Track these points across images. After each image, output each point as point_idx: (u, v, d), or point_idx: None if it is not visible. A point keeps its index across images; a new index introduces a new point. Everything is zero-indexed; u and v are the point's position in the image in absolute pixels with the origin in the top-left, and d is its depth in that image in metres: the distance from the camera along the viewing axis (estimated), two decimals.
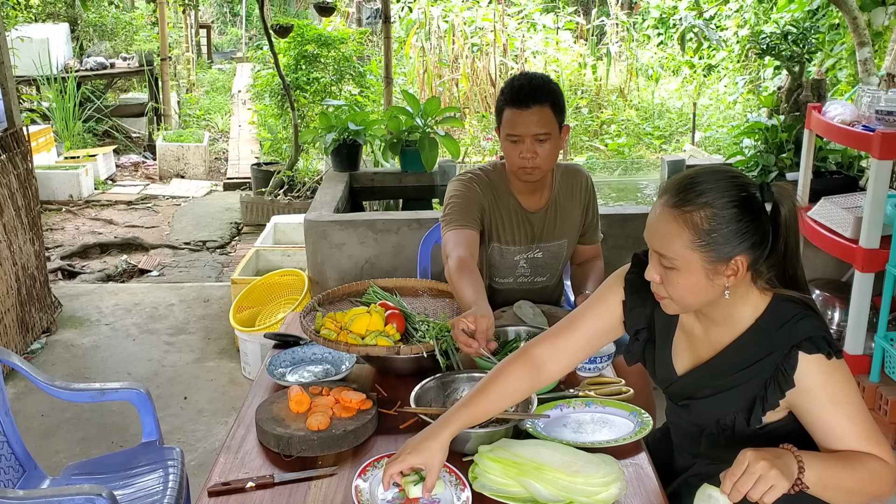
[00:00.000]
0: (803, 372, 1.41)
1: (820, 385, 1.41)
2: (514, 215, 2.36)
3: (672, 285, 1.44)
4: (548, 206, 2.38)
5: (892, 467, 1.39)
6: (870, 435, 1.41)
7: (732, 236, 1.38)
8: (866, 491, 1.37)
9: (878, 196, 2.94)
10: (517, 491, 1.48)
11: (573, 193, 2.43)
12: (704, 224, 1.38)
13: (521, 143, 2.19)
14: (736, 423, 1.51)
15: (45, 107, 8.24)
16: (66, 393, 2.25)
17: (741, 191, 1.40)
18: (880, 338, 3.01)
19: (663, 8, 10.59)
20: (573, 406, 1.81)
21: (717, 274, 1.41)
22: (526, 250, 2.40)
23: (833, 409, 1.42)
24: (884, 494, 1.39)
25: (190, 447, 3.12)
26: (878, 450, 1.40)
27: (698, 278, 1.41)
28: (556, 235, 2.41)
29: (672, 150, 8.17)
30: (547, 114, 2.18)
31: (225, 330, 4.16)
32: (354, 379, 1.95)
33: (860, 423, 1.41)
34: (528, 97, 2.16)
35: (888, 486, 1.39)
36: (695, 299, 1.45)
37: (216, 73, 14.15)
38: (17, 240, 3.88)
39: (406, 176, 4.48)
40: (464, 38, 9.50)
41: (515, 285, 2.44)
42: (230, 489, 1.53)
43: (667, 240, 1.41)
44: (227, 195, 7.33)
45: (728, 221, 1.38)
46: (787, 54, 4.24)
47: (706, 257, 1.39)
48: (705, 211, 1.38)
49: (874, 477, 1.37)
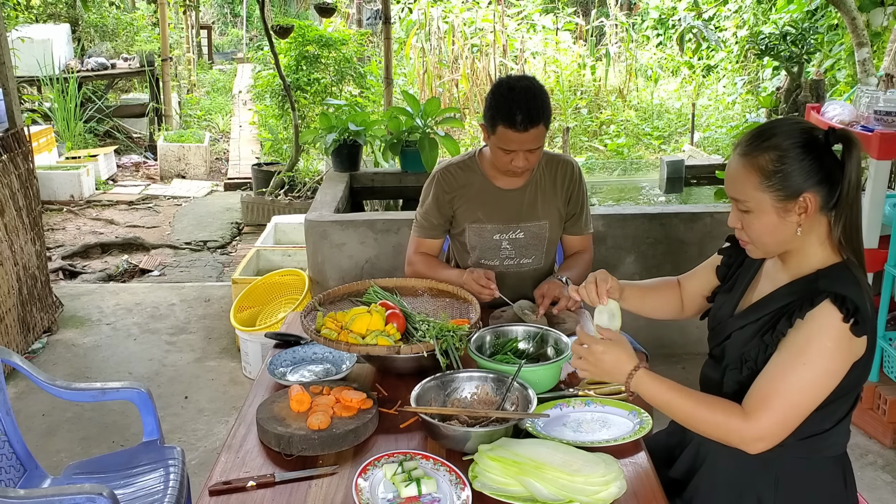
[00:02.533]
0: (815, 315, 1.45)
1: (809, 333, 1.46)
2: (486, 194, 2.42)
3: (749, 227, 1.54)
4: (526, 186, 2.42)
5: (748, 432, 1.47)
6: (773, 399, 1.46)
7: (798, 174, 1.47)
8: (700, 427, 1.54)
9: (876, 196, 2.95)
10: (517, 490, 1.49)
11: (556, 178, 2.46)
12: (770, 165, 1.49)
13: (514, 154, 2.26)
14: (758, 358, 1.54)
15: (47, 107, 8.24)
16: (68, 392, 2.26)
17: (805, 133, 1.50)
18: (879, 337, 3.02)
19: (662, 9, 10.60)
20: (573, 405, 1.82)
21: (787, 212, 1.49)
22: (505, 230, 2.43)
23: (784, 357, 1.47)
24: (722, 440, 1.52)
25: (191, 446, 3.13)
26: (762, 413, 1.46)
27: (770, 218, 1.51)
28: (537, 216, 2.44)
29: (671, 151, 8.17)
30: (541, 131, 2.23)
31: (226, 329, 4.17)
32: (355, 378, 1.96)
33: (786, 385, 1.45)
34: (526, 121, 2.18)
35: (727, 438, 1.51)
36: (771, 238, 1.54)
37: (217, 73, 14.17)
38: (18, 240, 3.88)
39: (406, 176, 4.49)
40: (464, 39, 9.51)
41: (502, 267, 2.46)
42: (231, 488, 1.54)
43: (738, 184, 1.53)
44: (227, 195, 7.34)
45: (793, 160, 1.48)
46: (785, 55, 4.25)
47: (775, 196, 1.49)
48: (771, 154, 1.49)
49: (711, 422, 1.51)
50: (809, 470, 1.59)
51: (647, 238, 3.64)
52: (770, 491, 1.58)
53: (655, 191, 5.40)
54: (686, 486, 1.70)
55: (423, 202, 2.49)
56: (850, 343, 1.44)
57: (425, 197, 2.48)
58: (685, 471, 1.72)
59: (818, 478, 1.60)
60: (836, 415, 1.55)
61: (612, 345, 1.61)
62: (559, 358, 1.91)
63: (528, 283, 2.44)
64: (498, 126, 2.22)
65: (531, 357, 2.00)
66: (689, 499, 1.69)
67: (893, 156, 2.93)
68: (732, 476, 1.62)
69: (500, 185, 2.42)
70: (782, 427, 1.47)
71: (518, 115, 2.17)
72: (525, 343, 2.05)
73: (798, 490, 1.59)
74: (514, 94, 2.20)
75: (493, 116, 2.23)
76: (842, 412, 1.56)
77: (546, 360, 1.95)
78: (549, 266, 2.56)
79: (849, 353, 1.46)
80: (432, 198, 2.45)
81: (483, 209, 2.42)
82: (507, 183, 2.42)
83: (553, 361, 1.90)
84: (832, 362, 1.45)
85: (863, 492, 1.75)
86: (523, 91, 2.21)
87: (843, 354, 1.45)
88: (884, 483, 2.87)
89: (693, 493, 1.68)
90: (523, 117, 2.17)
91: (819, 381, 1.45)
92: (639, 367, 1.58)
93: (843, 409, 1.56)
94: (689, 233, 3.63)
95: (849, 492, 1.64)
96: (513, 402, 1.76)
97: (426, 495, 1.48)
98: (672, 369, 3.59)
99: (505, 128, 2.20)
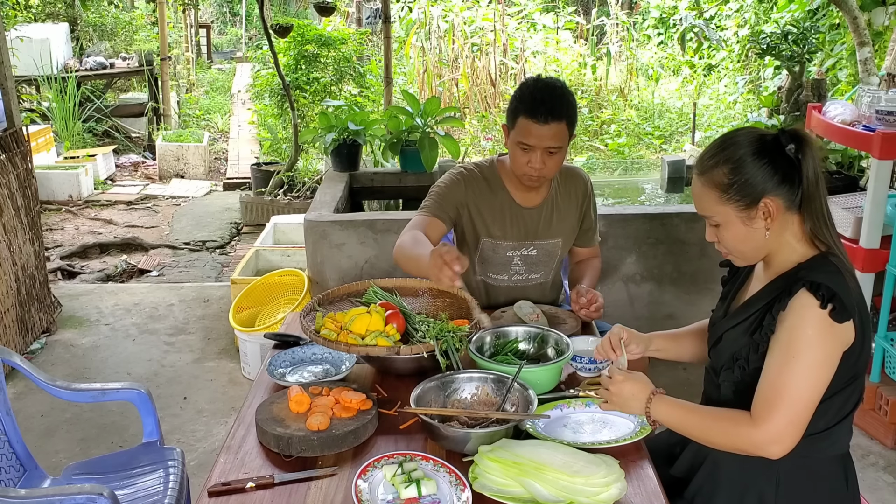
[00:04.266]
0: (793, 305, 1.48)
1: (791, 325, 1.47)
2: (506, 210, 2.38)
3: (723, 240, 1.60)
4: (543, 204, 2.40)
5: (760, 437, 1.47)
6: (776, 400, 1.46)
7: (753, 182, 1.51)
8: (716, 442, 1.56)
9: (878, 196, 2.94)
10: (517, 491, 1.48)
11: (571, 195, 2.44)
12: (725, 179, 1.54)
13: (532, 152, 2.20)
14: (749, 357, 1.56)
15: (45, 107, 8.23)
16: (68, 393, 2.25)
17: (755, 141, 1.53)
18: (880, 338, 3.01)
19: (663, 8, 10.59)
20: (573, 406, 1.81)
21: (752, 219, 1.54)
22: (519, 246, 2.41)
23: (776, 356, 1.48)
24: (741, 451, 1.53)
25: (189, 447, 3.12)
26: (767, 416, 1.46)
27: (738, 228, 1.56)
28: (552, 234, 2.42)
29: (672, 150, 8.17)
30: (562, 129, 2.19)
31: (225, 330, 4.16)
32: (354, 379, 1.95)
33: (783, 383, 1.46)
34: (548, 112, 2.15)
35: (743, 448, 1.51)
36: (746, 246, 1.59)
37: (216, 72, 14.15)
38: (16, 240, 3.88)
39: (406, 176, 4.48)
40: (464, 38, 9.50)
41: (510, 282, 2.45)
42: (230, 489, 1.53)
43: (702, 202, 1.59)
44: (226, 195, 7.33)
45: (745, 170, 1.52)
46: (787, 54, 4.25)
47: (737, 207, 1.54)
48: (724, 167, 1.54)
49: (724, 434, 1.53)
50: (811, 469, 1.59)
51: (647, 238, 3.64)
52: (771, 489, 1.58)
53: (657, 191, 5.39)
54: (688, 485, 1.70)
55: (437, 188, 2.39)
56: (832, 329, 1.46)
57: (441, 184, 2.39)
58: (687, 469, 1.72)
59: (820, 477, 1.60)
60: (837, 411, 1.55)
61: (631, 375, 1.65)
62: (560, 359, 1.90)
63: (531, 297, 2.41)
64: (519, 117, 2.19)
65: (531, 358, 1.99)
66: (691, 497, 1.69)
67: (894, 156, 2.92)
68: (734, 474, 1.62)
69: (519, 202, 2.38)
70: (793, 425, 1.47)
71: (540, 106, 2.15)
72: (525, 344, 2.04)
73: (800, 489, 1.58)
74: (539, 85, 2.21)
75: (516, 108, 2.21)
76: (843, 409, 1.56)
77: (546, 360, 1.94)
78: (556, 278, 2.55)
79: (833, 339, 1.47)
80: (450, 186, 2.37)
81: (501, 226, 2.38)
82: (526, 200, 2.38)
83: (553, 362, 1.89)
84: (819, 350, 1.46)
85: (864, 493, 1.74)
86: (549, 85, 2.21)
87: (828, 341, 1.46)
88: (885, 484, 2.86)
89: (695, 492, 1.68)
90: (545, 109, 2.14)
91: (812, 371, 1.46)
92: (655, 393, 1.61)
93: (844, 406, 1.56)
94: (691, 233, 3.62)
95: (851, 491, 1.64)
96: (513, 403, 1.75)
97: (426, 496, 1.47)
98: (673, 369, 3.58)
99: (526, 118, 2.17)
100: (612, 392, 1.63)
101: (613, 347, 1.78)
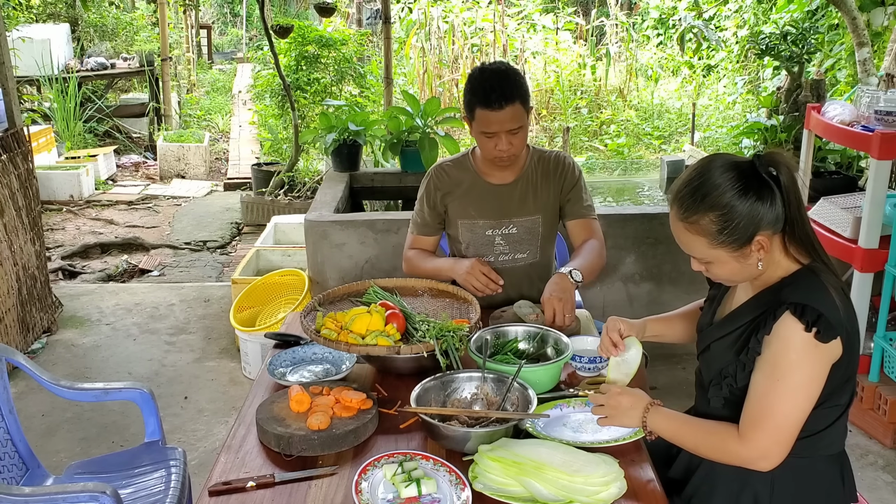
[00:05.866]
0: (778, 329, 1.47)
1: (776, 349, 1.47)
2: (478, 190, 2.44)
3: (714, 274, 1.59)
4: (517, 181, 2.43)
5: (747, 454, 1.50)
6: (762, 420, 1.47)
7: (744, 223, 1.48)
8: (707, 455, 1.58)
9: (877, 196, 2.94)
10: (517, 490, 1.49)
11: (549, 171, 2.45)
12: (714, 226, 1.49)
13: (497, 137, 2.27)
14: (737, 375, 1.56)
15: (46, 107, 8.24)
16: (71, 392, 2.26)
17: (734, 179, 1.48)
18: (879, 338, 3.02)
19: (663, 8, 10.59)
20: (573, 406, 1.82)
21: (745, 257, 1.52)
22: (497, 225, 2.44)
23: (762, 376, 1.49)
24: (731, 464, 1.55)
25: (190, 447, 3.13)
26: (754, 434, 1.48)
27: (731, 265, 1.54)
28: (529, 210, 2.44)
29: (671, 151, 8.17)
30: (518, 109, 2.25)
31: (225, 330, 4.17)
32: (355, 379, 1.96)
33: (769, 403, 1.47)
34: (501, 98, 2.21)
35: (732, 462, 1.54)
36: (739, 277, 1.58)
37: (217, 73, 14.16)
38: (17, 240, 3.88)
39: (406, 176, 4.49)
40: (464, 39, 9.50)
41: (497, 263, 2.46)
42: (231, 489, 1.54)
43: (689, 247, 1.57)
44: (227, 195, 7.34)
45: (734, 213, 1.47)
46: (786, 54, 4.25)
47: (730, 248, 1.51)
48: (711, 215, 1.49)
49: (714, 449, 1.55)
50: (807, 468, 1.59)
51: (647, 238, 3.64)
52: (767, 489, 1.59)
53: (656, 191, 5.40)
54: (685, 486, 1.70)
55: (418, 200, 2.54)
56: (817, 350, 1.45)
57: (420, 195, 2.53)
58: (684, 470, 1.72)
59: (815, 476, 1.60)
60: (830, 414, 1.56)
61: (628, 389, 1.67)
62: (559, 358, 1.91)
63: (523, 277, 2.45)
64: (476, 109, 2.26)
65: (531, 357, 2.00)
66: (688, 498, 1.69)
67: (893, 156, 2.93)
68: (730, 475, 1.62)
69: (491, 181, 2.44)
70: (778, 443, 1.48)
71: (491, 94, 2.21)
72: (525, 343, 2.05)
73: (795, 489, 1.59)
74: (485, 75, 2.28)
75: (471, 101, 2.28)
76: (836, 411, 1.57)
77: (546, 360, 1.95)
78: (546, 260, 2.55)
79: (819, 360, 1.47)
80: (424, 195, 2.50)
81: (474, 205, 2.44)
82: (498, 178, 2.44)
83: (553, 362, 1.90)
84: (805, 371, 1.46)
85: (863, 492, 1.75)
86: (494, 72, 2.28)
87: (813, 363, 1.46)
88: (884, 483, 2.87)
89: (692, 493, 1.69)
90: (497, 95, 2.21)
91: (799, 391, 1.46)
92: (652, 404, 1.62)
93: (837, 409, 1.57)
94: None
95: (847, 490, 1.64)
96: (513, 403, 1.76)
97: (426, 496, 1.48)
98: (672, 369, 3.59)
99: (482, 108, 2.24)
100: (610, 405, 1.64)
101: (615, 343, 1.79)
